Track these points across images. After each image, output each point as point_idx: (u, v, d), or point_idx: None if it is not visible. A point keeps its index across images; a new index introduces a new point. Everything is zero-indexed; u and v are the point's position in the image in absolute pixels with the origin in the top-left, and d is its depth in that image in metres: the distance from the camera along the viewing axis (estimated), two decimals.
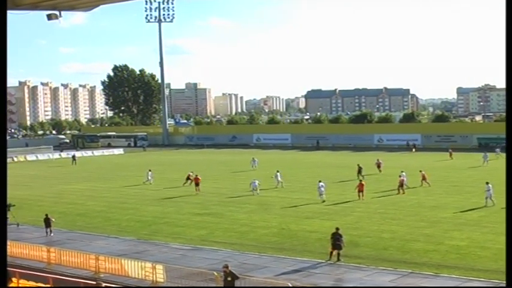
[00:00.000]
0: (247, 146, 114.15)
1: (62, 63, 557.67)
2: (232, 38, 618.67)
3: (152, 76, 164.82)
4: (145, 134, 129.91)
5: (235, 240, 31.85)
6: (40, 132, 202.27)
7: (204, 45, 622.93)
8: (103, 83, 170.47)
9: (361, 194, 43.66)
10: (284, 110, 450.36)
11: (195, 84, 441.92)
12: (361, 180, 46.23)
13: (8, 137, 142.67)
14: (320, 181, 44.24)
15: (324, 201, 42.71)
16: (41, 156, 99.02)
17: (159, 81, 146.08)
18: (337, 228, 27.19)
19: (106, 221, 39.04)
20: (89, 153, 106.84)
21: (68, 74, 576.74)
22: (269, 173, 57.32)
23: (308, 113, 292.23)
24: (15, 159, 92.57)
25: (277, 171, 54.24)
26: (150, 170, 60.18)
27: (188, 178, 55.24)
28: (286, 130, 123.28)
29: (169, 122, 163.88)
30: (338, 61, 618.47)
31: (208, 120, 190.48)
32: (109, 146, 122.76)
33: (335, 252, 26.70)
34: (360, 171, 56.88)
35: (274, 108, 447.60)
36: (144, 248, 30.74)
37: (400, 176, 48.08)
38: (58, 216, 37.71)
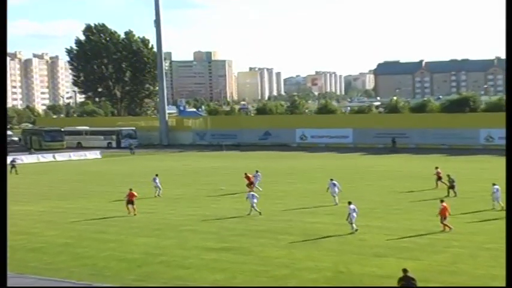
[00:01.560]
0: (287, 146, 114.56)
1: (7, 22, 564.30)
2: None
3: (144, 42, 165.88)
4: (133, 128, 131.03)
5: None
6: None
7: None
8: (69, 51, 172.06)
9: (444, 221, 43.22)
10: (343, 92, 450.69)
11: (209, 54, 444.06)
12: (442, 201, 45.51)
13: None
14: (350, 203, 44.10)
15: (356, 230, 42.84)
16: None
17: (155, 49, 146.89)
18: (405, 270, 27.20)
19: (74, 260, 39.26)
20: (48, 157, 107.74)
21: (17, 38, 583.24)
22: (319, 187, 57.14)
23: (379, 98, 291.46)
24: None
25: (332, 180, 54.67)
26: (157, 175, 63.49)
27: (251, 183, 61.77)
28: (346, 123, 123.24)
29: (170, 110, 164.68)
30: (424, 21, 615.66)
31: (229, 109, 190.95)
32: (79, 146, 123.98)
33: None
34: (452, 185, 57.04)
35: (328, 90, 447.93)
36: None
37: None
38: None
